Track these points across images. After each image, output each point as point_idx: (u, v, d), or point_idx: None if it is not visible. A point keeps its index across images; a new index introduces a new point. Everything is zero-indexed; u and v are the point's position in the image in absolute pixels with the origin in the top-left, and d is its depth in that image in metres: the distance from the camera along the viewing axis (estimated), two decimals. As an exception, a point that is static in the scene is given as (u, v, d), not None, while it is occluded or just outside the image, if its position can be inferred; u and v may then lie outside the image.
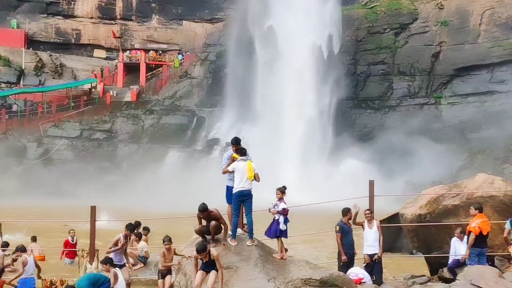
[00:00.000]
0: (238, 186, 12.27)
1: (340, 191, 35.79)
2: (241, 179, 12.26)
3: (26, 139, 59.65)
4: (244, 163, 12.40)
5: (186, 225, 27.06)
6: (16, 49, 66.16)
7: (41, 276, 15.06)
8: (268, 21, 57.36)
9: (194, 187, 47.56)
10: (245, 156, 12.57)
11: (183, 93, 63.37)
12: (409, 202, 16.52)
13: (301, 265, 11.92)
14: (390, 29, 60.38)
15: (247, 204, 12.40)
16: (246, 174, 12.29)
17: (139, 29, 69.77)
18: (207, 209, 12.00)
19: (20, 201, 44.62)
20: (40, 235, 21.82)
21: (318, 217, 24.60)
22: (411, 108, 58.25)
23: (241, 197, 12.30)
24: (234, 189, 12.33)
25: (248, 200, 12.37)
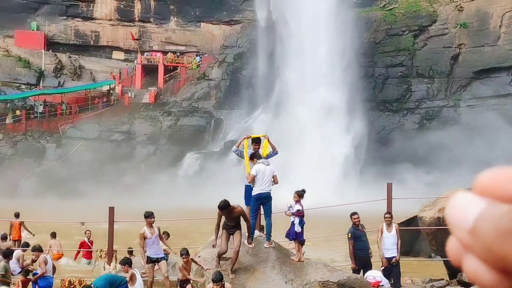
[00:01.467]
0: (257, 189, 12.19)
1: (359, 193, 35.73)
2: (260, 181, 12.18)
3: (46, 140, 60.14)
4: (263, 165, 12.32)
5: (203, 227, 27.13)
6: (36, 51, 66.74)
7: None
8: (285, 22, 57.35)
9: (212, 189, 47.71)
10: (265, 160, 12.46)
11: (201, 95, 63.54)
12: (427, 205, 16.44)
13: (318, 267, 11.87)
14: (408, 31, 60.07)
15: (266, 207, 12.31)
16: (266, 176, 12.22)
17: (157, 31, 70.07)
18: (229, 205, 11.52)
19: (39, 201, 44.97)
20: (58, 235, 21.97)
21: (337, 219, 24.53)
22: (430, 111, 57.90)
23: (260, 200, 12.22)
24: (253, 191, 12.25)
25: (267, 203, 12.29)
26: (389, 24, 60.47)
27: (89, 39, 69.94)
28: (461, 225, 0.72)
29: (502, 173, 0.74)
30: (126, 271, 13.27)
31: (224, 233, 11.48)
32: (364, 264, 13.84)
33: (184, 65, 67.65)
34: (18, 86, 65.00)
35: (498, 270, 0.68)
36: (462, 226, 0.71)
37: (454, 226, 0.73)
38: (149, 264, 13.36)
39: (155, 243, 13.49)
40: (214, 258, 11.94)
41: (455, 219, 0.73)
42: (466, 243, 0.71)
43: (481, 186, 0.74)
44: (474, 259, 0.70)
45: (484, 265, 0.69)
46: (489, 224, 0.68)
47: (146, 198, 45.89)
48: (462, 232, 0.71)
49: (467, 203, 0.73)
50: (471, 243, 0.70)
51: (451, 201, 0.75)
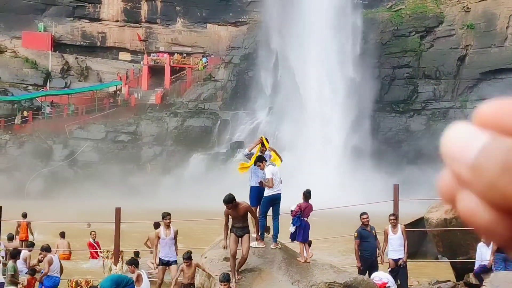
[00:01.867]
0: (271, 190, 12.09)
1: (365, 195, 35.68)
2: (275, 183, 12.11)
3: (52, 140, 60.30)
4: (274, 167, 12.29)
5: (209, 227, 27.15)
6: (43, 52, 66.96)
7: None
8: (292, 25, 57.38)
9: (218, 189, 47.69)
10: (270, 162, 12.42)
11: (207, 96, 63.59)
12: (434, 207, 16.39)
13: (325, 268, 11.86)
14: (415, 32, 59.97)
15: (275, 208, 12.27)
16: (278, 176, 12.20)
17: (163, 32, 70.19)
18: (235, 200, 11.36)
19: (46, 202, 45.10)
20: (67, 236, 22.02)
21: (343, 221, 24.50)
22: (436, 112, 57.78)
23: (273, 201, 12.17)
24: (267, 192, 12.13)
25: (277, 204, 12.26)
26: (395, 25, 60.38)
27: (96, 40, 70.11)
28: (460, 159, 0.66)
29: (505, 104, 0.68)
30: (133, 271, 13.30)
31: (232, 236, 11.38)
32: (370, 265, 13.82)
33: (190, 66, 67.73)
34: (25, 87, 65.23)
35: (498, 209, 0.63)
36: (462, 160, 0.65)
37: (451, 160, 0.67)
38: (160, 266, 13.30)
39: (168, 245, 13.33)
40: (220, 259, 11.94)
41: (453, 152, 0.67)
42: (464, 179, 0.65)
43: (483, 118, 0.70)
44: (471, 196, 0.65)
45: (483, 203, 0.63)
46: (494, 159, 0.62)
47: (152, 199, 46.00)
48: (461, 167, 0.65)
49: (468, 136, 0.67)
50: (471, 179, 0.64)
51: (449, 132, 0.70)
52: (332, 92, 55.50)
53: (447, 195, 0.68)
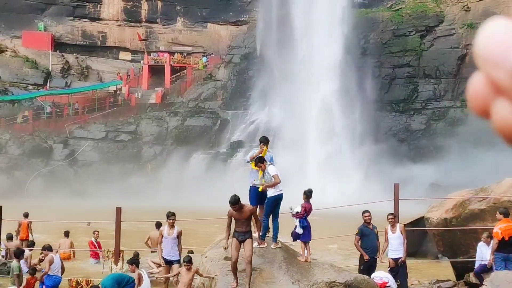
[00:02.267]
0: (275, 190, 12.06)
1: (365, 194, 35.70)
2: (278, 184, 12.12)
3: (52, 140, 60.33)
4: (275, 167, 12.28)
5: (209, 227, 27.17)
6: (43, 52, 66.97)
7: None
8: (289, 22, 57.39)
9: (218, 189, 47.73)
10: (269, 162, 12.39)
11: (208, 95, 63.61)
12: (434, 206, 16.41)
13: (325, 268, 11.87)
14: (415, 31, 59.96)
15: (277, 208, 12.25)
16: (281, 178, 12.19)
17: (164, 31, 70.19)
18: (240, 201, 11.30)
19: (46, 201, 45.11)
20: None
21: (343, 220, 24.54)
22: (437, 111, 57.78)
23: (278, 201, 12.12)
24: (271, 193, 12.06)
25: (279, 204, 12.25)
26: (395, 25, 60.38)
27: (96, 40, 70.11)
28: (499, 62, 0.57)
29: None
30: (133, 270, 13.30)
31: (234, 242, 11.23)
32: (370, 264, 13.84)
33: (190, 65, 67.73)
34: (26, 86, 65.23)
35: None
36: (501, 64, 0.57)
37: (488, 63, 0.58)
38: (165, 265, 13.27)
39: (170, 244, 13.21)
40: (220, 259, 11.96)
41: (491, 53, 0.58)
42: (502, 86, 0.56)
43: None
44: (510, 105, 0.56)
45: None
46: None
47: (152, 199, 46.02)
48: (500, 72, 0.57)
49: (510, 35, 0.56)
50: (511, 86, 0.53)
51: (486, 30, 0.59)
52: (333, 91, 55.48)
53: (478, 104, 0.58)
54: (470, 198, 15.53)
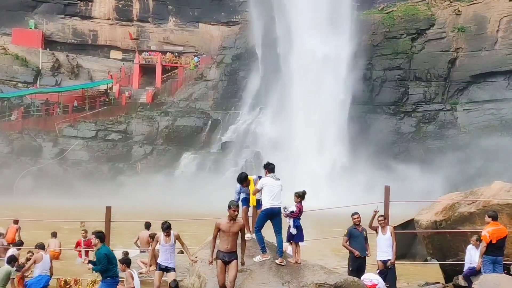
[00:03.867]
0: (267, 203, 11.80)
1: (356, 196, 35.77)
2: (270, 195, 11.81)
3: (42, 138, 60.06)
4: (271, 180, 11.98)
5: (200, 227, 27.12)
6: (34, 49, 66.67)
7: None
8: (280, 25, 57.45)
9: (208, 189, 47.71)
10: (274, 174, 12.12)
11: (198, 96, 63.53)
12: (424, 209, 16.45)
13: (315, 269, 11.87)
14: (406, 34, 60.14)
15: (276, 222, 11.93)
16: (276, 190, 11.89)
17: (155, 31, 70.04)
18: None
19: (35, 199, 44.92)
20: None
21: (333, 222, 24.57)
22: (427, 114, 57.98)
23: (271, 215, 11.84)
24: (264, 206, 11.87)
25: (277, 218, 11.93)
26: (387, 27, 60.55)
27: (87, 38, 69.86)
28: None
29: None
30: (124, 270, 13.24)
31: (219, 264, 10.93)
32: (359, 266, 13.86)
33: (182, 65, 67.64)
34: (15, 84, 64.91)
35: None
36: None
37: None
38: (158, 270, 13.06)
39: (168, 251, 13.02)
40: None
41: None
42: None
43: None
44: None
45: None
46: None
47: (142, 198, 45.91)
48: None
49: None
50: None
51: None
52: (323, 93, 55.55)
53: None
54: (459, 201, 15.59)
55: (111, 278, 12.13)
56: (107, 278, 12.12)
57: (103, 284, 12.29)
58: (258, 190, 12.04)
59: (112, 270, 12.11)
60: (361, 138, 54.84)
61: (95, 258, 12.33)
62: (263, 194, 11.95)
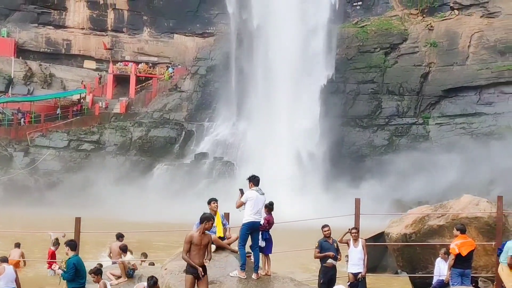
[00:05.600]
0: (249, 217, 11.81)
1: (327, 208, 35.90)
2: (253, 209, 11.82)
3: (13, 148, 59.31)
4: (256, 193, 11.98)
5: (171, 238, 27.00)
6: (6, 58, 65.95)
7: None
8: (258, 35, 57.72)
9: (182, 201, 47.50)
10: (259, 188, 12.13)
11: (172, 106, 63.35)
12: (394, 221, 16.60)
13: (285, 281, 11.89)
14: (380, 48, 60.77)
15: (255, 236, 11.96)
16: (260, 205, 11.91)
17: (130, 41, 69.79)
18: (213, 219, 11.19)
19: (5, 209, 44.26)
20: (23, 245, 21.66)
21: (306, 233, 24.62)
22: (400, 128, 58.53)
23: (252, 228, 11.86)
24: (245, 219, 11.88)
25: (257, 232, 11.97)
26: (361, 41, 61.11)
27: (61, 48, 69.32)
28: None
29: None
30: (98, 281, 13.09)
31: (189, 279, 10.67)
32: (330, 278, 13.90)
33: (156, 76, 67.43)
34: (-14, 93, 64.10)
35: None
36: None
37: None
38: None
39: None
40: (180, 271, 11.86)
41: None
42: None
43: None
44: None
45: None
46: None
47: (115, 209, 45.51)
48: None
49: None
50: None
51: None
52: (299, 105, 55.81)
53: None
54: (429, 214, 15.76)
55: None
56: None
57: None
58: (242, 203, 12.00)
59: (78, 282, 11.96)
60: (335, 150, 55.15)
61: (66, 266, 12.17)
62: (246, 207, 11.94)
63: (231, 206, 12.67)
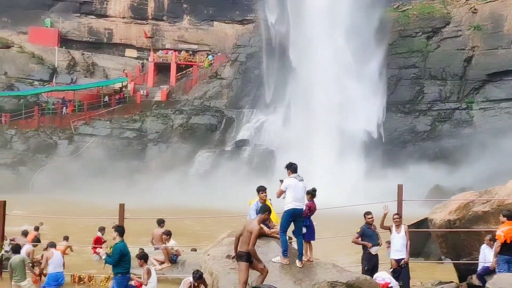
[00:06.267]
0: (290, 204, 11.76)
1: (369, 194, 35.65)
2: (293, 196, 11.76)
3: (58, 136, 60.46)
4: (295, 180, 11.92)
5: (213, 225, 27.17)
6: (50, 48, 67.12)
7: None
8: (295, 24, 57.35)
9: (222, 188, 47.78)
10: (297, 174, 12.08)
11: (213, 94, 63.60)
12: (438, 208, 16.36)
13: (327, 268, 11.86)
14: (422, 32, 59.82)
15: (298, 224, 11.92)
16: (300, 192, 11.85)
17: (170, 29, 70.23)
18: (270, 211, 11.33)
19: (50, 196, 45.22)
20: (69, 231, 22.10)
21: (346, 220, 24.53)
22: (442, 113, 57.62)
23: (294, 216, 11.81)
24: (286, 207, 11.84)
25: (299, 219, 11.92)
26: (402, 26, 60.25)
27: (102, 37, 70.23)
28: None
29: None
30: (142, 265, 13.28)
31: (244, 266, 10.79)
32: (373, 265, 13.85)
33: (196, 63, 67.76)
34: (31, 82, 65.41)
35: None
36: None
37: None
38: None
39: None
40: (223, 257, 11.95)
41: None
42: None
43: None
44: None
45: None
46: None
47: (156, 196, 46.06)
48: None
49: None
50: None
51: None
52: (339, 91, 55.37)
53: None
54: (474, 200, 15.49)
55: (122, 275, 12.18)
56: (118, 274, 12.18)
57: (114, 281, 12.37)
58: (282, 191, 11.98)
59: (123, 267, 12.16)
60: (377, 136, 54.66)
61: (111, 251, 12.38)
62: (287, 194, 11.90)
63: (272, 193, 12.70)
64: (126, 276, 12.29)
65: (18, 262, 14.19)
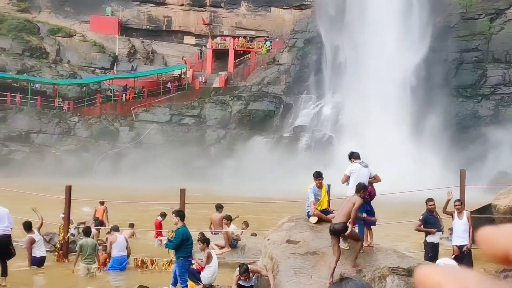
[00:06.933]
0: (353, 190, 11.60)
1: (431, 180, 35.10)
2: (356, 181, 11.65)
3: (119, 123, 61.74)
4: (359, 166, 11.92)
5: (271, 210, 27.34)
6: (110, 36, 68.40)
7: None
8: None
9: (281, 173, 47.88)
10: (361, 160, 12.06)
11: (271, 80, 63.61)
12: (502, 193, 16.02)
13: (388, 253, 11.77)
14: (484, 14, 58.19)
15: (360, 208, 11.65)
16: (364, 177, 11.78)
17: (228, 16, 70.46)
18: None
19: (113, 182, 46.27)
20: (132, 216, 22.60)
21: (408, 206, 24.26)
22: (506, 97, 56.05)
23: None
24: (348, 192, 11.80)
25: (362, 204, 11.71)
26: (464, 8, 58.74)
27: (161, 24, 71.05)
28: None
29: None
30: (203, 249, 13.45)
31: (336, 241, 10.83)
32: (435, 252, 13.68)
33: (254, 50, 67.82)
34: (93, 70, 66.88)
35: None
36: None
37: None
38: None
39: None
40: (283, 242, 12.01)
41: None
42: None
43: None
44: None
45: None
46: None
47: (215, 182, 46.52)
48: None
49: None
50: None
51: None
52: (397, 75, 54.55)
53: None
54: (540, 186, 15.09)
55: (183, 259, 12.39)
56: (180, 258, 12.39)
57: (176, 264, 12.60)
58: (347, 176, 12.00)
59: (185, 251, 12.37)
60: (437, 121, 53.64)
61: (174, 236, 12.62)
62: (350, 180, 11.90)
63: (330, 178, 12.65)
64: (188, 260, 12.50)
65: (91, 245, 14.65)
